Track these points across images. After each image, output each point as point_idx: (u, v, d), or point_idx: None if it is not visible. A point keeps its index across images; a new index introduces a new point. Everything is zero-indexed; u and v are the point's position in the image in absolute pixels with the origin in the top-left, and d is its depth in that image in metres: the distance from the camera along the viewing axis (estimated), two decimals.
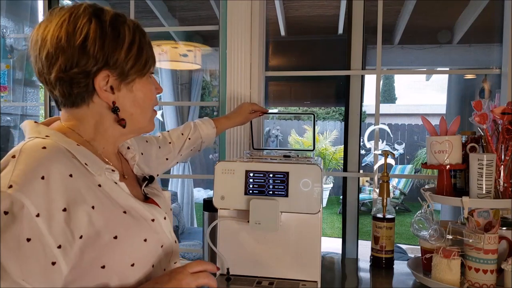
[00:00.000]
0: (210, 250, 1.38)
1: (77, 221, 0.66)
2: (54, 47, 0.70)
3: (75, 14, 0.72)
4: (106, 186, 0.74)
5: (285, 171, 1.11)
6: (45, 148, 0.68)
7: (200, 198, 6.13)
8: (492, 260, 1.13)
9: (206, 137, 1.31)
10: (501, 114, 1.20)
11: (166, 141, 1.21)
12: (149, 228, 0.78)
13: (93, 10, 0.73)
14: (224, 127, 1.40)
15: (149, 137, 1.17)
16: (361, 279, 1.39)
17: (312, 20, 3.45)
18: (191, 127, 1.29)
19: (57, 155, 0.68)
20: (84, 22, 0.71)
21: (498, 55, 1.65)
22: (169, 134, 1.25)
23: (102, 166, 0.74)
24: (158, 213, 0.81)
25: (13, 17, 2.45)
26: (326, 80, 3.37)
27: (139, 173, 0.89)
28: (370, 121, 8.34)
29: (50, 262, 0.63)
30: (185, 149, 1.27)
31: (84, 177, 0.70)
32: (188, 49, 3.77)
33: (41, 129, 0.74)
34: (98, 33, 0.71)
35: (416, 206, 6.50)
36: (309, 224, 1.15)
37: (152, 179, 0.90)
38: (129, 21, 0.77)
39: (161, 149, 1.17)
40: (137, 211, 0.77)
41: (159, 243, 0.80)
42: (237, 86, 1.60)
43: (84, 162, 0.71)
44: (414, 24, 3.36)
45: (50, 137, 0.72)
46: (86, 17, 0.71)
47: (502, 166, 1.21)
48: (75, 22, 0.71)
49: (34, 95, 2.64)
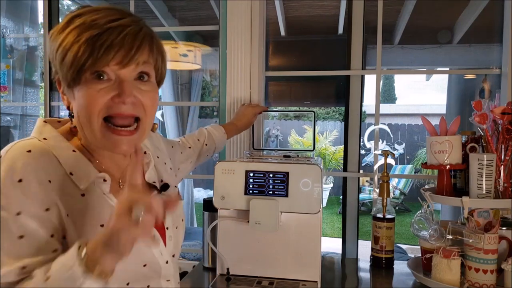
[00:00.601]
0: (210, 250, 1.38)
1: (58, 222, 0.67)
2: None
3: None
4: (91, 196, 0.71)
5: (285, 171, 1.11)
6: (30, 152, 0.68)
7: (200, 198, 6.12)
8: (492, 260, 1.13)
9: (218, 142, 1.33)
10: (501, 114, 1.20)
11: (185, 146, 1.22)
12: None
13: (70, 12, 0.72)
14: (233, 134, 1.43)
15: (173, 142, 1.15)
16: (361, 279, 1.39)
17: (312, 20, 3.45)
18: (205, 134, 1.30)
19: (39, 160, 0.68)
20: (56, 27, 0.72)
21: (498, 55, 1.65)
22: (186, 139, 1.25)
23: (91, 176, 0.72)
24: None
25: (13, 17, 2.45)
26: (326, 80, 3.37)
27: (151, 180, 0.85)
28: (370, 121, 8.33)
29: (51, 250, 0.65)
30: (203, 154, 1.28)
31: (66, 185, 0.69)
32: (188, 49, 3.77)
33: (44, 129, 0.74)
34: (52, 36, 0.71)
35: (416, 206, 6.49)
36: (309, 224, 1.15)
37: (166, 187, 0.86)
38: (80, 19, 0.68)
39: (183, 154, 1.17)
40: None
41: (140, 262, 0.75)
42: (237, 86, 1.60)
43: (70, 171, 0.70)
44: (414, 24, 3.36)
45: (48, 140, 0.72)
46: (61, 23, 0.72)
47: (502, 166, 1.21)
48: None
49: (34, 95, 2.63)
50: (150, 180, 0.85)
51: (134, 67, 0.70)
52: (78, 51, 0.66)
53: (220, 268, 1.22)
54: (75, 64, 0.67)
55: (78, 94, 0.69)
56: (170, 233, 0.83)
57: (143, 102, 0.72)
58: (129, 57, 0.68)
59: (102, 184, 0.73)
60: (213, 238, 1.22)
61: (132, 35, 0.69)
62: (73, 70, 0.67)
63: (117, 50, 0.67)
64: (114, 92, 0.69)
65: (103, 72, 0.69)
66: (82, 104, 0.69)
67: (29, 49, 2.53)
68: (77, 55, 0.66)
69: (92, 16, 0.68)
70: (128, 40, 0.68)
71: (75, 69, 0.67)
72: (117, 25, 0.68)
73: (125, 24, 0.69)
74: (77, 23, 0.68)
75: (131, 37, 0.68)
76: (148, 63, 0.72)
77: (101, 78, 0.69)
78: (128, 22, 0.69)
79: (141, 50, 0.70)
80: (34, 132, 0.74)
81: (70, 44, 0.67)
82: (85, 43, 0.66)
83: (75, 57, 0.67)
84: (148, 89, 0.73)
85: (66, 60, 0.67)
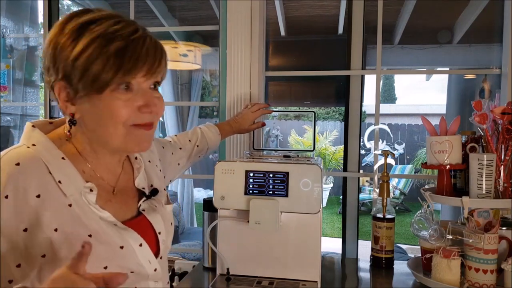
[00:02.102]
0: (210, 250, 1.38)
1: (38, 241, 0.66)
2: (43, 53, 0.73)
3: (60, 21, 0.72)
4: (78, 206, 0.71)
5: (285, 171, 1.11)
6: (18, 165, 0.67)
7: (200, 198, 6.12)
8: (492, 260, 1.13)
9: (211, 144, 1.31)
10: (501, 114, 1.20)
11: (176, 147, 1.20)
12: (113, 254, 0.72)
13: (69, 16, 0.71)
14: (227, 134, 1.41)
15: (164, 142, 1.14)
16: (361, 279, 1.39)
17: (312, 20, 3.45)
18: (198, 135, 1.28)
19: (28, 173, 0.67)
20: (55, 31, 0.71)
21: (498, 55, 1.65)
22: (178, 139, 1.23)
23: (79, 185, 0.72)
24: (132, 239, 0.75)
25: (13, 17, 2.45)
26: (326, 80, 3.37)
27: (140, 185, 0.85)
28: (370, 121, 8.33)
29: (7, 280, 0.64)
30: (193, 156, 1.26)
31: (54, 196, 0.69)
32: (188, 49, 3.77)
33: (33, 135, 0.73)
34: (54, 42, 0.69)
35: (416, 206, 6.49)
36: (309, 224, 1.15)
37: (155, 192, 0.86)
38: (101, 27, 0.68)
39: (174, 155, 1.15)
40: (105, 236, 0.72)
41: (126, 270, 0.73)
42: (237, 86, 1.60)
43: (59, 179, 0.70)
44: (414, 24, 3.36)
45: (37, 146, 0.71)
46: (58, 26, 0.71)
47: (502, 166, 1.21)
48: (54, 30, 0.71)
49: (34, 95, 2.64)
50: (140, 186, 0.85)
51: (155, 78, 0.74)
52: (107, 63, 0.67)
53: (220, 268, 1.22)
54: (104, 75, 0.67)
55: (100, 103, 0.70)
56: (163, 237, 0.83)
57: (158, 108, 0.75)
58: (154, 69, 0.71)
59: (88, 194, 0.72)
60: (213, 238, 1.22)
61: (152, 47, 0.71)
62: (101, 81, 0.68)
63: (144, 62, 0.70)
64: (140, 102, 0.71)
65: (130, 83, 0.70)
66: (107, 112, 0.70)
67: (29, 49, 2.53)
68: (105, 67, 0.67)
69: (110, 25, 0.69)
70: (151, 52, 0.71)
71: (103, 80, 0.68)
72: (138, 36, 0.70)
73: (143, 36, 0.71)
74: (97, 32, 0.68)
75: (152, 49, 0.71)
76: (164, 73, 0.76)
77: (127, 89, 0.71)
78: (144, 34, 0.72)
79: (162, 62, 0.73)
80: (23, 138, 0.73)
81: (96, 55, 0.67)
82: (114, 56, 0.67)
83: (103, 69, 0.67)
84: (159, 96, 0.76)
85: (91, 71, 0.67)
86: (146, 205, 0.83)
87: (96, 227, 0.71)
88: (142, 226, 0.80)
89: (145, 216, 0.82)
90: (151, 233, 0.82)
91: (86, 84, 0.68)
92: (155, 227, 0.82)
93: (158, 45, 0.73)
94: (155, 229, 0.82)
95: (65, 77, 0.70)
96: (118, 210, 0.78)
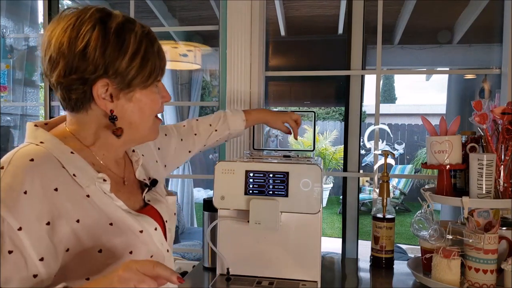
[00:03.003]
0: (210, 250, 1.38)
1: (61, 234, 0.67)
2: (56, 51, 0.70)
3: (81, 19, 0.70)
4: (96, 196, 0.73)
5: (285, 171, 1.11)
6: (33, 161, 0.67)
7: (200, 198, 6.12)
8: (492, 260, 1.13)
9: (234, 129, 1.26)
10: (501, 114, 1.20)
11: (191, 133, 1.19)
12: (136, 239, 0.76)
13: (100, 16, 0.71)
14: (254, 121, 1.32)
15: (170, 128, 1.14)
16: (361, 279, 1.39)
17: (312, 20, 3.45)
18: (220, 118, 1.25)
19: (43, 168, 0.68)
20: (87, 28, 0.70)
21: (498, 55, 1.65)
22: (197, 124, 1.22)
23: (93, 176, 0.73)
24: (148, 224, 0.79)
25: (13, 17, 2.45)
26: (326, 80, 3.37)
27: (141, 177, 0.88)
28: (370, 121, 8.34)
29: (32, 275, 0.64)
30: (210, 139, 1.24)
31: (71, 189, 0.70)
32: (188, 49, 3.77)
33: (38, 133, 0.74)
34: (100, 41, 0.70)
35: (416, 206, 6.48)
36: (309, 224, 1.15)
37: (155, 183, 0.89)
38: (138, 28, 0.74)
39: (183, 142, 1.15)
40: (125, 223, 0.75)
41: (148, 253, 0.79)
42: (237, 86, 1.60)
43: (73, 173, 0.71)
44: (414, 24, 3.36)
45: (45, 143, 0.72)
46: (91, 23, 0.70)
47: (502, 166, 1.21)
48: (79, 27, 0.70)
49: (34, 95, 2.64)
50: (140, 178, 0.87)
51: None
52: (156, 60, 0.76)
53: (220, 268, 1.22)
54: (155, 71, 0.76)
55: (142, 97, 0.77)
56: (169, 225, 0.87)
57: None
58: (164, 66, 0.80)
59: (102, 184, 0.74)
60: (213, 238, 1.22)
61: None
62: (153, 76, 0.76)
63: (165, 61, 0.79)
64: (164, 95, 0.82)
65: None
66: (142, 106, 0.77)
67: (29, 49, 2.53)
68: (155, 64, 0.76)
69: (141, 26, 0.76)
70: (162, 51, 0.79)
71: (155, 75, 0.76)
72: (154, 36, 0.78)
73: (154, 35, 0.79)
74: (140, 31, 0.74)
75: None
76: None
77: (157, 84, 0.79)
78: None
79: None
80: (28, 137, 0.74)
81: (150, 54, 0.75)
82: (157, 54, 0.76)
83: (155, 65, 0.76)
84: None
85: (147, 68, 0.74)
86: (150, 196, 0.86)
87: (115, 215, 0.74)
88: (153, 215, 0.83)
89: (152, 205, 0.85)
90: (160, 221, 0.84)
91: (139, 78, 0.74)
92: (162, 215, 0.85)
93: None
94: (163, 217, 0.86)
95: (112, 74, 0.72)
96: (128, 200, 0.80)
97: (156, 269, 0.61)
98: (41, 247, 0.65)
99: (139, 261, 0.62)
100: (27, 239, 0.63)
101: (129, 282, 0.60)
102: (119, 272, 0.60)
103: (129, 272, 0.60)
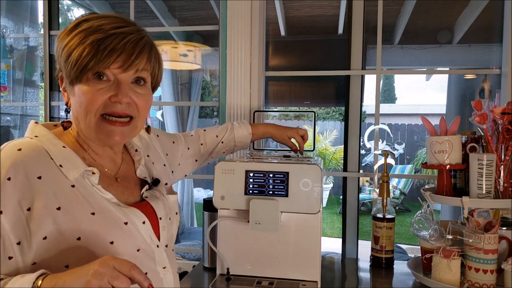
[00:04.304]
0: (210, 250, 1.38)
1: (40, 221, 0.69)
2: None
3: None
4: (81, 187, 0.75)
5: (285, 171, 1.11)
6: (20, 150, 0.72)
7: (200, 198, 6.12)
8: (492, 260, 1.13)
9: (239, 141, 1.28)
10: (501, 114, 1.20)
11: (197, 142, 1.21)
12: (119, 230, 0.76)
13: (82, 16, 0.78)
14: (260, 135, 1.31)
15: (178, 136, 1.16)
16: (361, 279, 1.39)
17: (312, 20, 3.44)
18: (227, 130, 1.27)
19: (29, 157, 0.72)
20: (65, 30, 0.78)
21: (498, 55, 1.65)
22: (204, 134, 1.23)
23: (80, 169, 0.76)
24: (136, 217, 0.79)
25: (13, 17, 2.45)
26: (326, 80, 3.37)
27: (142, 175, 0.89)
28: (370, 121, 8.34)
29: (7, 257, 0.67)
30: (217, 151, 1.26)
31: (55, 178, 0.73)
32: (188, 49, 3.77)
33: (36, 129, 0.79)
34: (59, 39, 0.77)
35: (416, 206, 6.49)
36: (309, 224, 1.15)
37: (157, 182, 0.90)
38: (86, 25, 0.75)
39: (190, 150, 1.17)
40: (109, 213, 0.76)
41: (134, 247, 0.78)
42: (237, 86, 1.60)
43: (60, 163, 0.74)
44: (414, 24, 3.36)
45: (39, 137, 0.77)
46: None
47: (502, 166, 1.21)
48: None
49: (34, 95, 2.63)
50: (141, 176, 0.89)
51: (133, 72, 0.77)
52: (83, 52, 0.73)
53: (220, 268, 1.22)
54: (79, 63, 0.73)
55: (78, 91, 0.75)
56: (163, 223, 0.87)
57: (137, 103, 0.78)
58: (129, 63, 0.75)
59: (90, 176, 0.77)
60: (213, 238, 1.22)
61: (133, 42, 0.75)
62: (77, 68, 0.73)
63: (119, 54, 0.74)
64: (112, 92, 0.75)
65: (103, 73, 0.75)
66: (82, 100, 0.75)
67: (29, 49, 2.53)
68: (81, 56, 0.73)
69: (99, 22, 0.75)
70: (129, 46, 0.74)
71: (79, 68, 0.73)
72: (120, 31, 0.74)
73: (128, 32, 0.75)
74: (84, 27, 0.74)
75: (132, 44, 0.75)
76: (145, 69, 0.79)
77: (101, 79, 0.75)
78: (131, 30, 0.76)
79: (141, 57, 0.76)
80: (26, 133, 0.79)
81: (75, 45, 0.73)
82: (89, 45, 0.73)
83: (79, 57, 0.73)
84: (143, 92, 0.80)
85: (70, 59, 0.74)
86: (149, 193, 0.87)
87: (100, 205, 0.76)
88: (146, 211, 0.83)
89: (148, 202, 0.85)
90: (154, 218, 0.85)
91: (67, 71, 0.75)
92: (157, 212, 0.86)
93: (142, 42, 0.77)
94: (157, 214, 0.86)
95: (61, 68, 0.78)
96: (120, 194, 0.82)
97: (131, 271, 0.63)
98: (20, 231, 0.68)
99: (117, 259, 0.64)
100: (7, 222, 0.67)
101: (103, 277, 0.61)
102: (95, 266, 0.62)
103: (105, 267, 0.62)
